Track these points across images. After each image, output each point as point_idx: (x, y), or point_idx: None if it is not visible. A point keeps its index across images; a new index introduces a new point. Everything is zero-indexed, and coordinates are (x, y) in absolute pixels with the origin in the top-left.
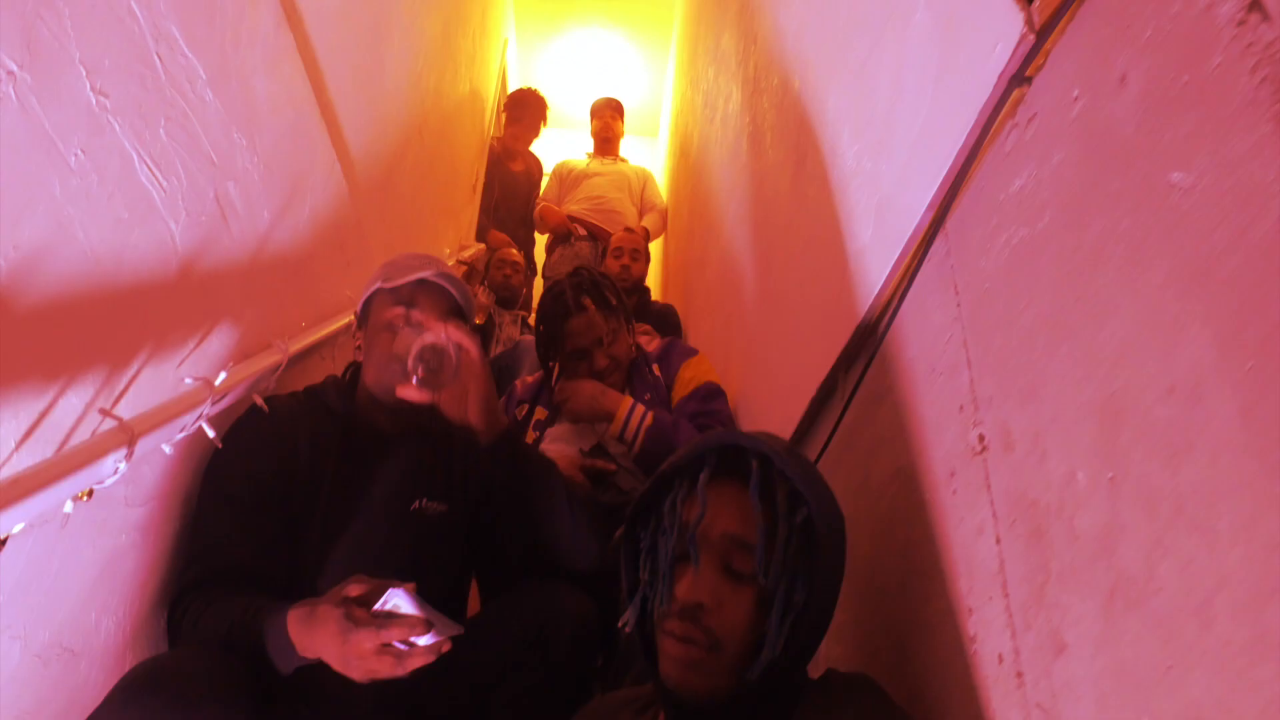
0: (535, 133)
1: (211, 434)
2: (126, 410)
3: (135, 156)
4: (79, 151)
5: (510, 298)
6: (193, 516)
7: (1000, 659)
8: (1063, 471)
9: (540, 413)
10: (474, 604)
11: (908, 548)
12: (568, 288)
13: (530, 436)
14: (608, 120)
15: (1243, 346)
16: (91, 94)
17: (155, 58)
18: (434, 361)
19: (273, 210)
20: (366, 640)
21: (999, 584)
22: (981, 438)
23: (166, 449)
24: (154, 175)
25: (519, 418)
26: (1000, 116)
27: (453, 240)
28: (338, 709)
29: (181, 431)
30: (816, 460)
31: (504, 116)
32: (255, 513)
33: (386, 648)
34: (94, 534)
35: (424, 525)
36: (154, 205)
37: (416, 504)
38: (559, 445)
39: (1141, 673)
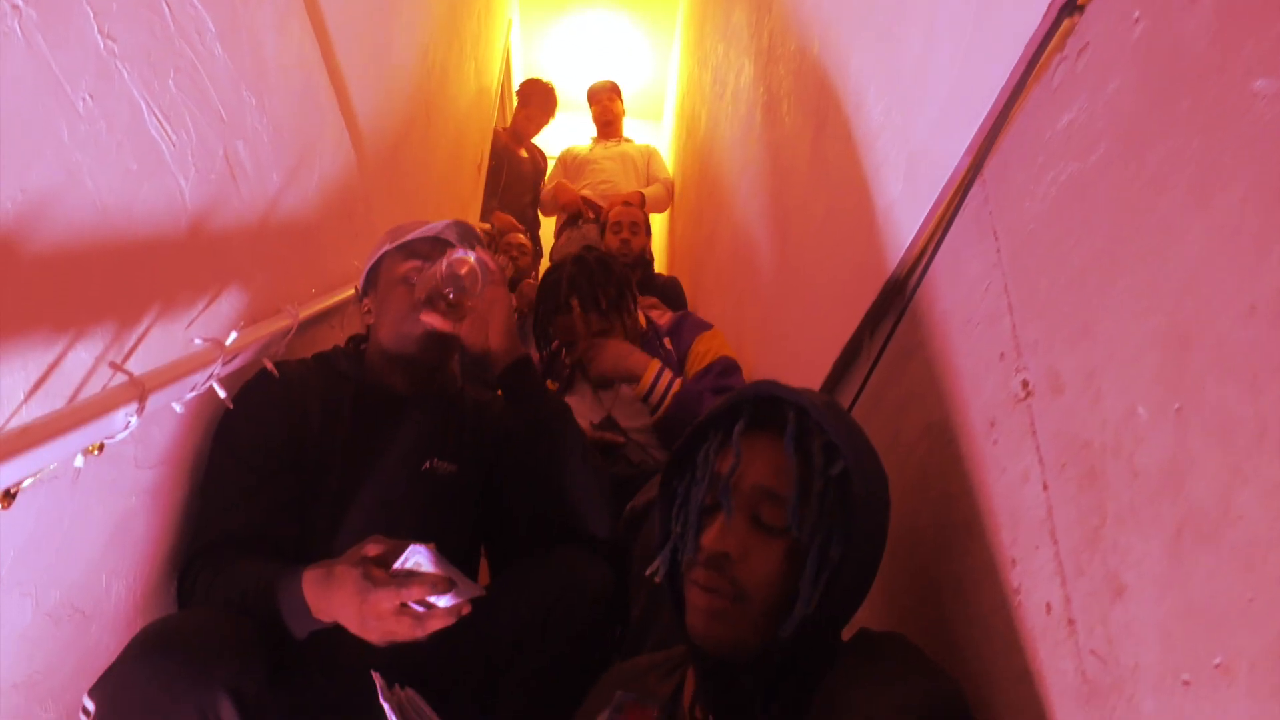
0: (544, 122)
1: (223, 394)
2: (136, 368)
3: (144, 106)
4: (87, 96)
5: (516, 279)
6: (202, 481)
7: (1049, 608)
8: (1121, 409)
9: (550, 385)
10: (483, 577)
11: (943, 503)
12: (564, 279)
13: None
14: (605, 103)
15: None
16: (99, 37)
17: (164, 5)
18: (464, 279)
19: (282, 174)
20: (385, 600)
21: (1046, 531)
22: (1025, 383)
23: (177, 407)
24: (163, 127)
25: None
26: (1047, 51)
27: (458, 217)
28: (351, 679)
29: (192, 391)
30: None
31: (516, 103)
32: (267, 477)
33: (405, 608)
34: (104, 494)
35: (435, 485)
36: (163, 158)
37: (427, 464)
38: None
39: (1217, 609)
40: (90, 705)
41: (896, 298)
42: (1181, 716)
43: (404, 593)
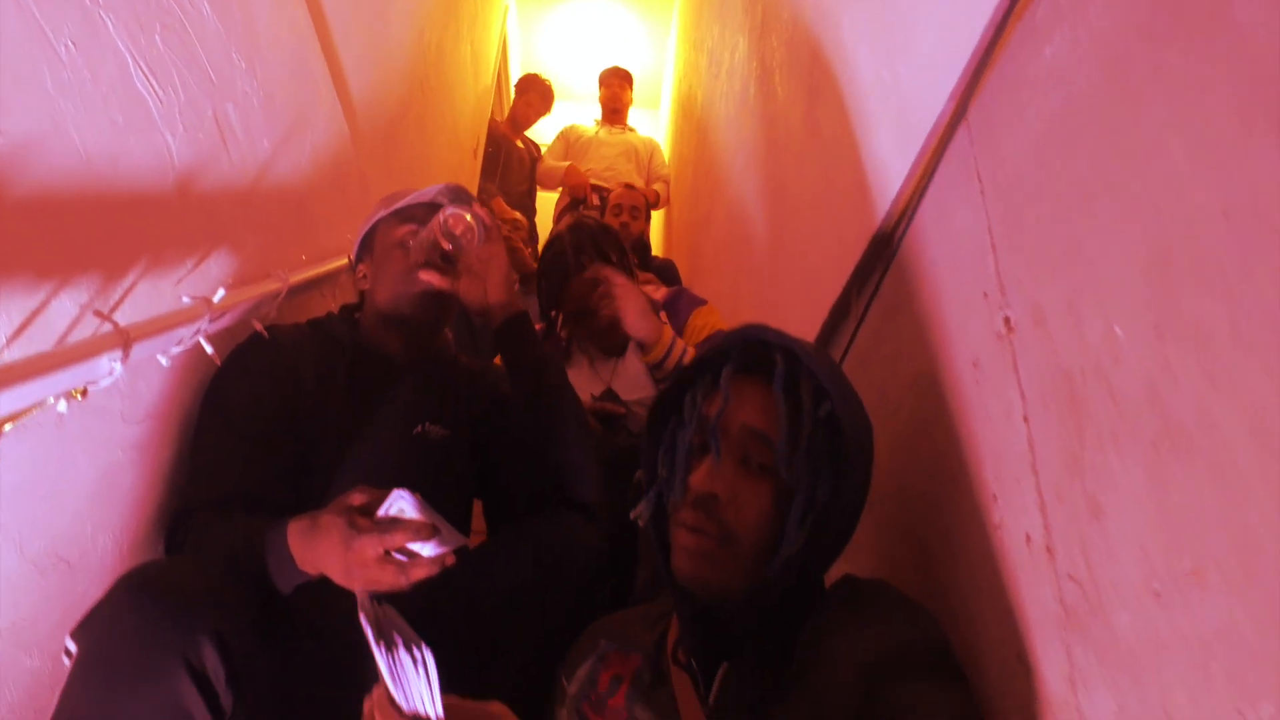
0: (542, 113)
1: (210, 350)
2: (122, 321)
3: (130, 60)
4: (70, 43)
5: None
6: (192, 440)
7: (1028, 539)
8: (1099, 332)
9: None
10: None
11: (929, 452)
12: (568, 246)
13: None
14: (616, 90)
15: None
16: None
17: None
18: (461, 236)
19: (273, 141)
20: (369, 546)
21: (1027, 464)
22: (1008, 320)
23: (163, 360)
24: (150, 83)
25: None
26: None
27: None
28: (340, 641)
29: (179, 345)
30: None
31: (513, 94)
32: (258, 440)
33: (389, 557)
34: (90, 445)
35: (427, 449)
36: (150, 114)
37: (419, 428)
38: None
39: (1189, 518)
40: (72, 647)
41: (884, 251)
42: (1155, 627)
43: (387, 539)
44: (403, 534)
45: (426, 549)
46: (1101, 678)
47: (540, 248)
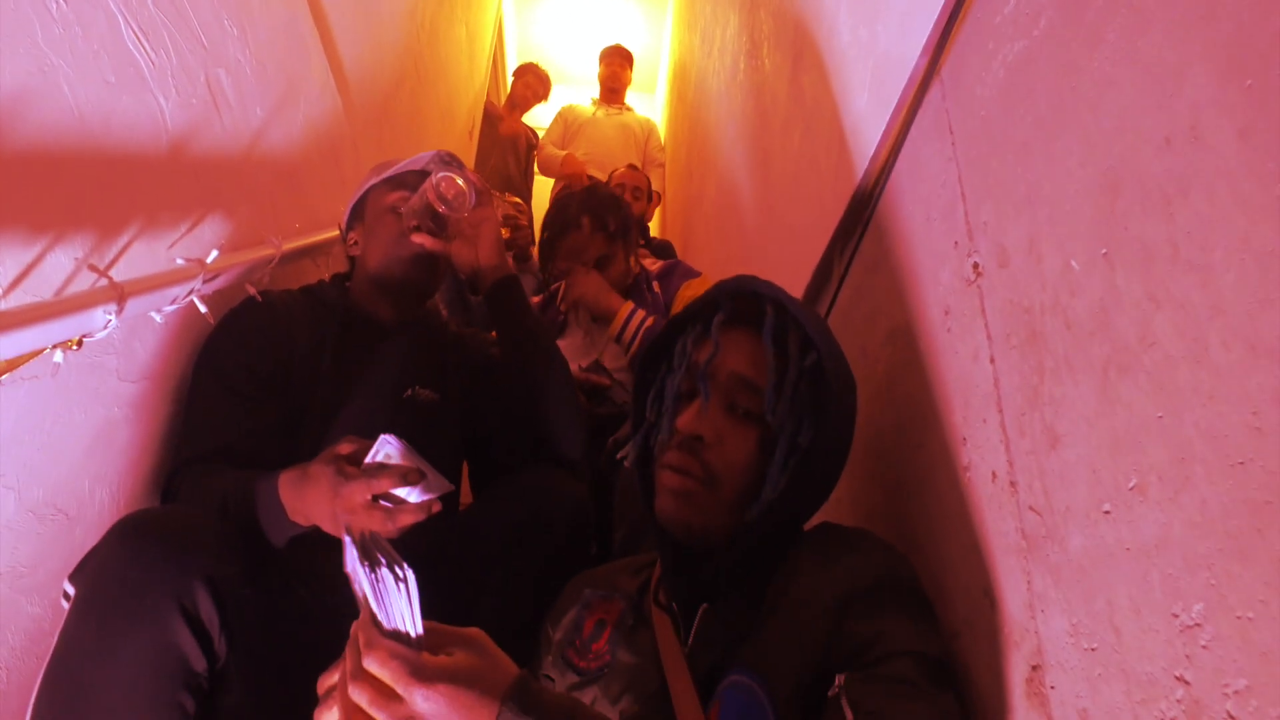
0: (541, 97)
1: (204, 309)
2: (117, 278)
3: (121, 20)
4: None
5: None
6: (186, 400)
7: (994, 476)
8: (1058, 266)
9: None
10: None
11: (905, 402)
12: (574, 201)
13: None
14: (616, 69)
15: (1243, 66)
16: None
17: None
18: (452, 200)
19: (266, 110)
20: (357, 492)
21: (993, 403)
22: (976, 266)
23: (157, 317)
24: (141, 44)
25: None
26: None
27: None
28: (331, 590)
29: (173, 303)
30: None
31: (510, 81)
32: (248, 397)
33: (376, 503)
34: (86, 400)
35: (416, 412)
36: (142, 75)
37: (409, 392)
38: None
39: (1133, 433)
40: (70, 589)
41: (863, 211)
42: (1104, 545)
43: (374, 484)
44: (389, 478)
45: (413, 494)
46: (1057, 600)
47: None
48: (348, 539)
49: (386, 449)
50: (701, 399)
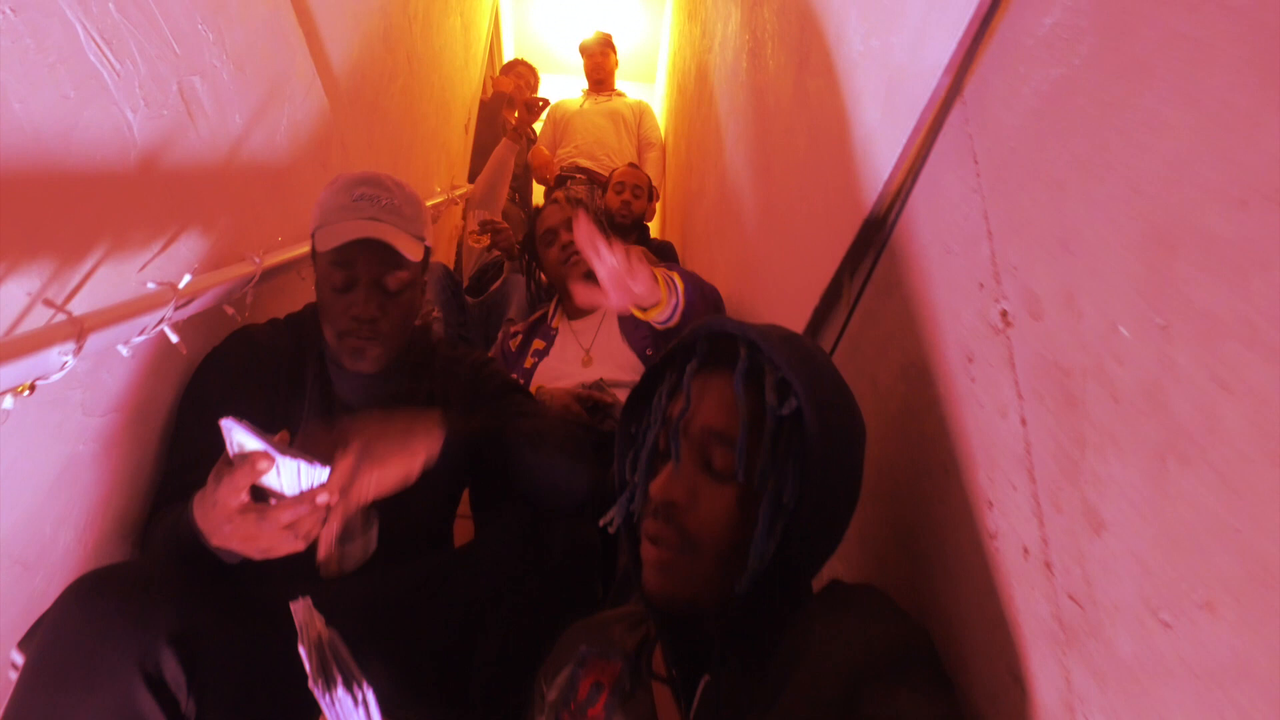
0: (533, 91)
1: (175, 339)
2: (81, 308)
3: (80, 28)
4: (9, 9)
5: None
6: (171, 438)
7: (1025, 552)
8: (1101, 327)
9: (538, 343)
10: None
11: (921, 445)
12: (562, 198)
13: (528, 362)
14: (598, 59)
15: None
16: None
17: None
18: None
19: (246, 115)
20: (227, 495)
21: (1024, 469)
22: (1004, 314)
23: (124, 350)
24: (104, 54)
25: (513, 349)
26: None
27: (444, 177)
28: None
29: (141, 334)
30: None
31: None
32: None
33: (251, 507)
34: (46, 438)
35: None
36: (105, 87)
37: None
38: (557, 383)
39: (1197, 536)
40: (18, 658)
41: (876, 234)
42: (1161, 658)
43: (233, 482)
44: (241, 473)
45: (286, 484)
46: (1102, 706)
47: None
48: (301, 650)
49: (235, 435)
50: (673, 460)
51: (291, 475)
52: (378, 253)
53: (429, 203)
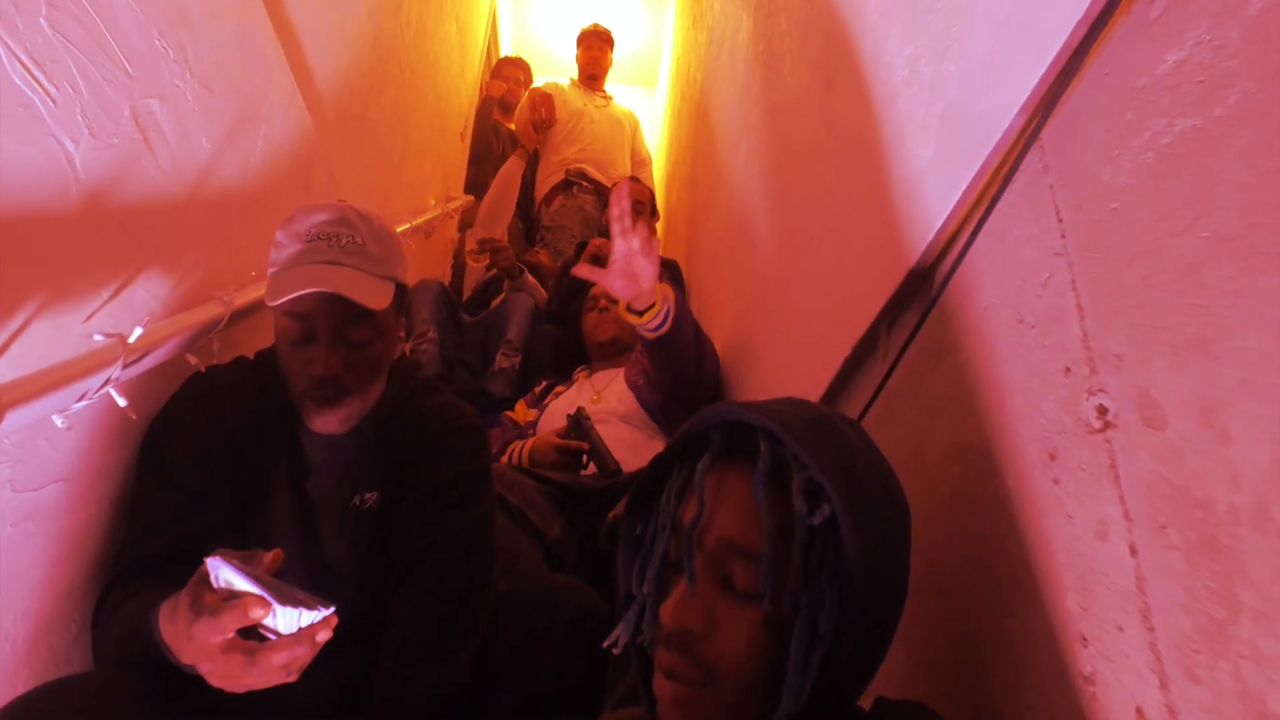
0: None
1: (123, 403)
2: (10, 373)
3: (1, 50)
4: None
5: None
6: (129, 498)
7: (1140, 713)
8: (1264, 460)
9: (559, 388)
10: None
11: (981, 544)
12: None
13: (548, 400)
14: (596, 53)
15: None
16: None
17: None
18: None
19: (215, 139)
20: (210, 633)
21: (1135, 611)
22: (1103, 410)
23: (58, 421)
24: (35, 79)
25: (537, 393)
26: None
27: (439, 190)
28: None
29: (82, 399)
30: None
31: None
32: (197, 494)
33: (236, 644)
34: None
35: (363, 521)
36: (39, 116)
37: (357, 500)
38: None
39: None
40: None
41: (923, 286)
42: None
43: (220, 624)
44: (229, 615)
45: (281, 622)
46: None
47: (536, 234)
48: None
49: (222, 574)
50: (687, 577)
51: (289, 615)
52: (336, 302)
53: (420, 218)
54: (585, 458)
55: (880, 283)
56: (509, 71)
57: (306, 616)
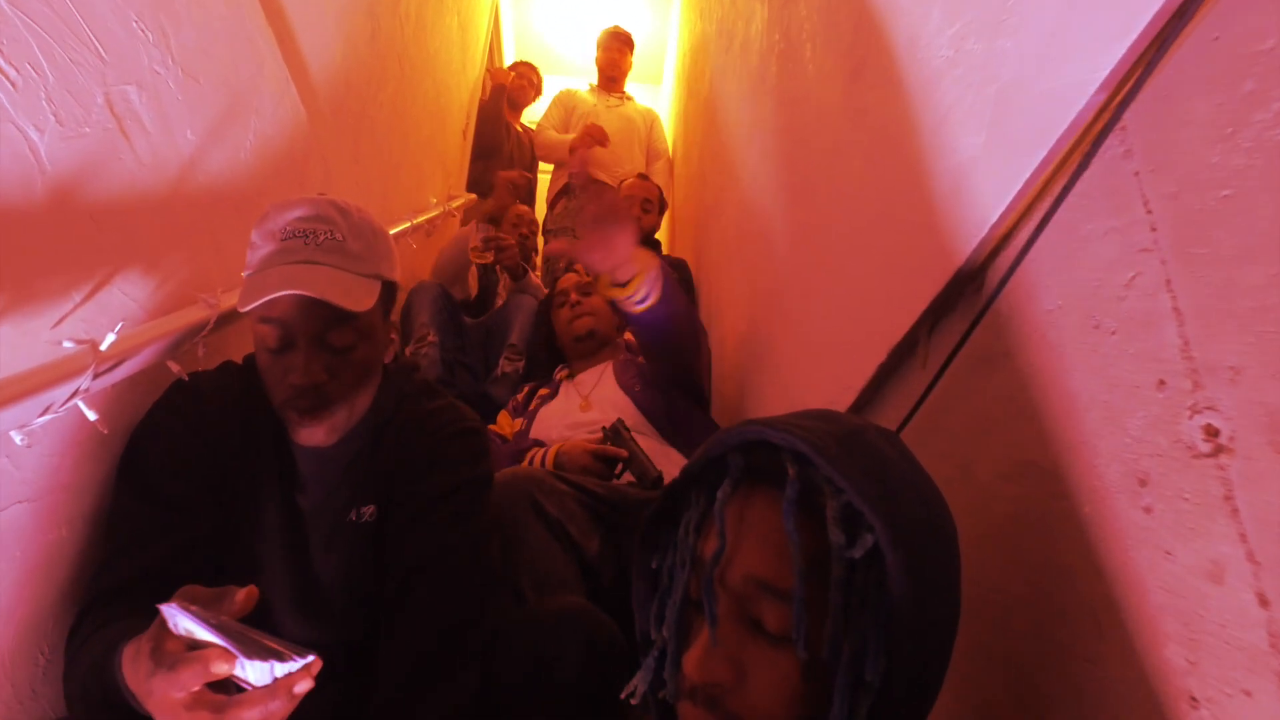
0: (535, 90)
1: (92, 416)
2: None
3: None
4: None
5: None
6: (107, 515)
7: None
8: None
9: (543, 391)
10: None
11: (1049, 574)
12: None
13: (533, 405)
14: (615, 55)
15: None
16: None
17: None
18: None
19: (200, 131)
20: (170, 688)
21: (1269, 674)
22: (1212, 431)
23: (17, 438)
24: None
25: (520, 399)
26: None
27: (440, 188)
28: None
29: (45, 414)
30: None
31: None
32: (178, 510)
33: (202, 699)
34: None
35: (358, 535)
36: None
37: (353, 514)
38: (559, 421)
39: None
40: None
41: (970, 286)
42: None
43: (180, 680)
44: (189, 671)
45: (251, 673)
46: None
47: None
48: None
49: (180, 622)
50: (709, 622)
51: (260, 668)
52: (314, 306)
53: (421, 217)
54: (620, 466)
55: (921, 283)
56: (522, 69)
57: (280, 668)
